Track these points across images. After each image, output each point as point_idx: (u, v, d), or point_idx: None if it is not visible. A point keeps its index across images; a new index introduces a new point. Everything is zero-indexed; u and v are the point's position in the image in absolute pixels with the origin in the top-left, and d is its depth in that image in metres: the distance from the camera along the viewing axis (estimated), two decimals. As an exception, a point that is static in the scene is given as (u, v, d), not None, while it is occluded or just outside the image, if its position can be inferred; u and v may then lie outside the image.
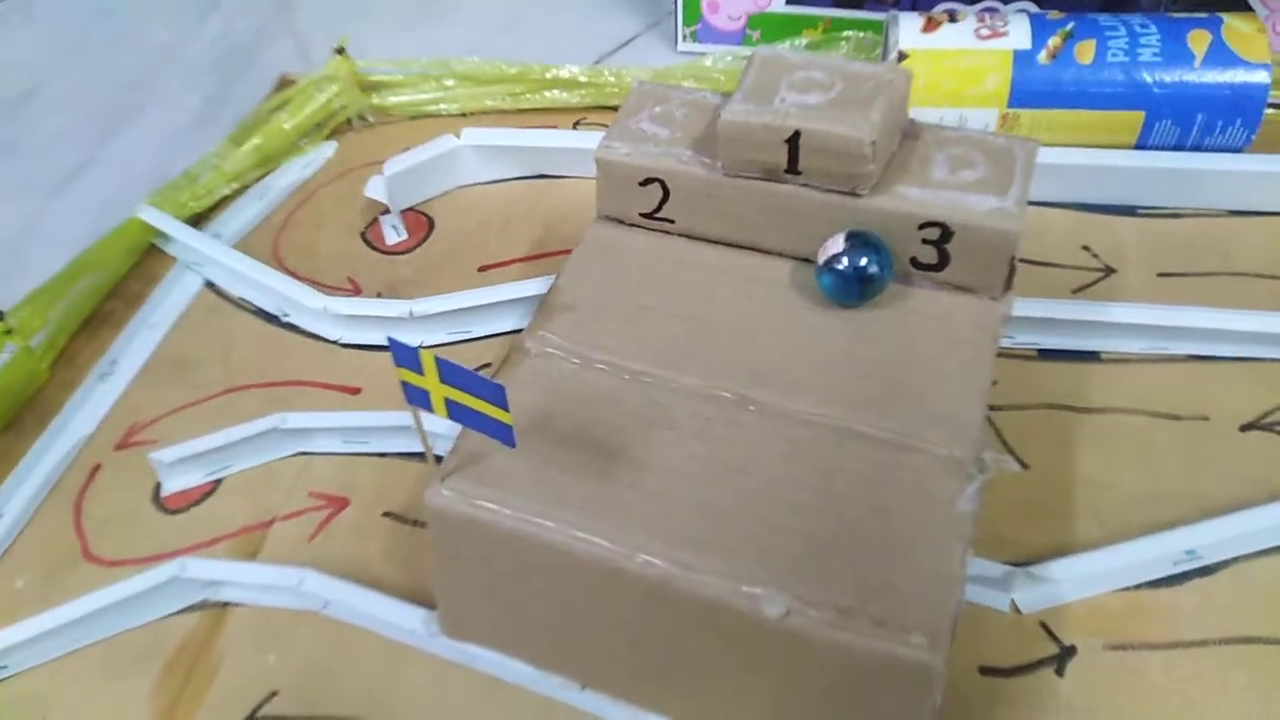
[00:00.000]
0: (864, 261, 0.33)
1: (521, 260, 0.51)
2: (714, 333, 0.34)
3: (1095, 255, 0.48)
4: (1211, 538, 0.36)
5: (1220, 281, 0.46)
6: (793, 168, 0.34)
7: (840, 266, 0.33)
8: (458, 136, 0.55)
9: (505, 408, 0.26)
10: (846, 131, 0.32)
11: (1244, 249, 0.48)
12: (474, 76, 0.59)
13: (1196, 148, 0.49)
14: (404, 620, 0.34)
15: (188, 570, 0.36)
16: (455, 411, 0.27)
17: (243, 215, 0.55)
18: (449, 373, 0.26)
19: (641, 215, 0.38)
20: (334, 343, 0.48)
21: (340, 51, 0.58)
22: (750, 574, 0.27)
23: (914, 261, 0.34)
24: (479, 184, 0.56)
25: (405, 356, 0.26)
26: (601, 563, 0.28)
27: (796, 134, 0.33)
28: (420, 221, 0.54)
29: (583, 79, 0.59)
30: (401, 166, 0.53)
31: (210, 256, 0.51)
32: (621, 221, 0.38)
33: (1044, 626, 0.35)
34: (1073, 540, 0.37)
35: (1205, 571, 0.36)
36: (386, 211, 0.53)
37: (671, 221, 0.37)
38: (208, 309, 0.50)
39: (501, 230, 0.53)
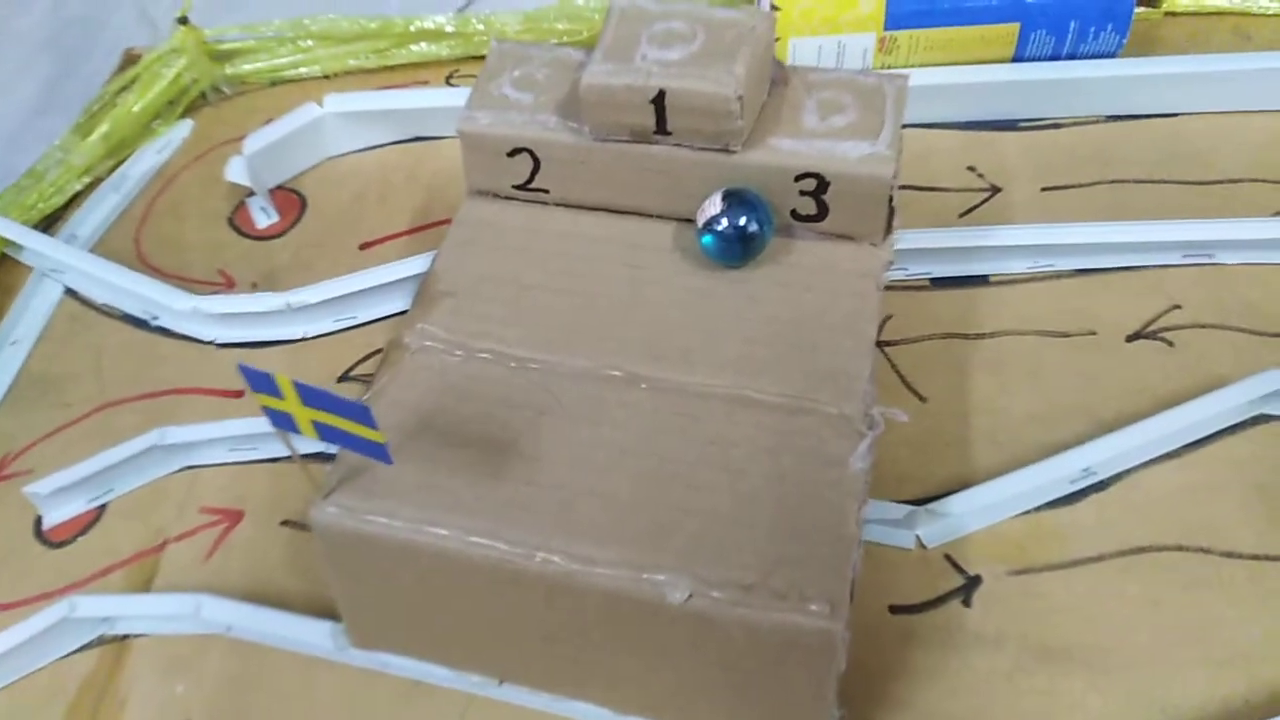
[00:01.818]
0: (743, 220, 0.32)
1: (405, 234, 0.49)
2: (600, 307, 0.33)
3: (980, 175, 0.48)
4: (1105, 454, 0.36)
5: (1101, 191, 0.47)
6: (662, 128, 0.32)
7: (720, 227, 0.32)
8: (320, 104, 0.52)
9: (374, 426, 0.25)
10: (711, 88, 0.31)
11: (1122, 156, 0.48)
12: (332, 35, 0.56)
13: (1072, 56, 0.49)
14: (311, 636, 0.33)
15: (77, 609, 0.34)
16: (325, 433, 0.26)
17: (98, 211, 0.51)
18: (310, 396, 0.25)
19: (514, 188, 0.36)
20: (209, 344, 0.45)
21: (184, 21, 0.54)
22: (652, 560, 0.27)
23: (794, 214, 0.34)
24: (350, 153, 0.53)
25: (260, 383, 0.25)
26: (501, 565, 0.28)
27: (661, 94, 0.32)
28: (291, 200, 0.51)
29: (449, 29, 0.56)
30: (262, 143, 0.50)
31: (67, 262, 0.47)
32: (495, 195, 0.37)
33: (949, 559, 0.36)
34: (972, 469, 0.38)
35: (1100, 487, 0.37)
36: (252, 193, 0.50)
37: (546, 191, 0.36)
38: (71, 320, 0.47)
39: (380, 202, 0.51)
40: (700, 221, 0.33)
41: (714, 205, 0.32)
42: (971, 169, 0.48)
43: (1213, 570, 0.35)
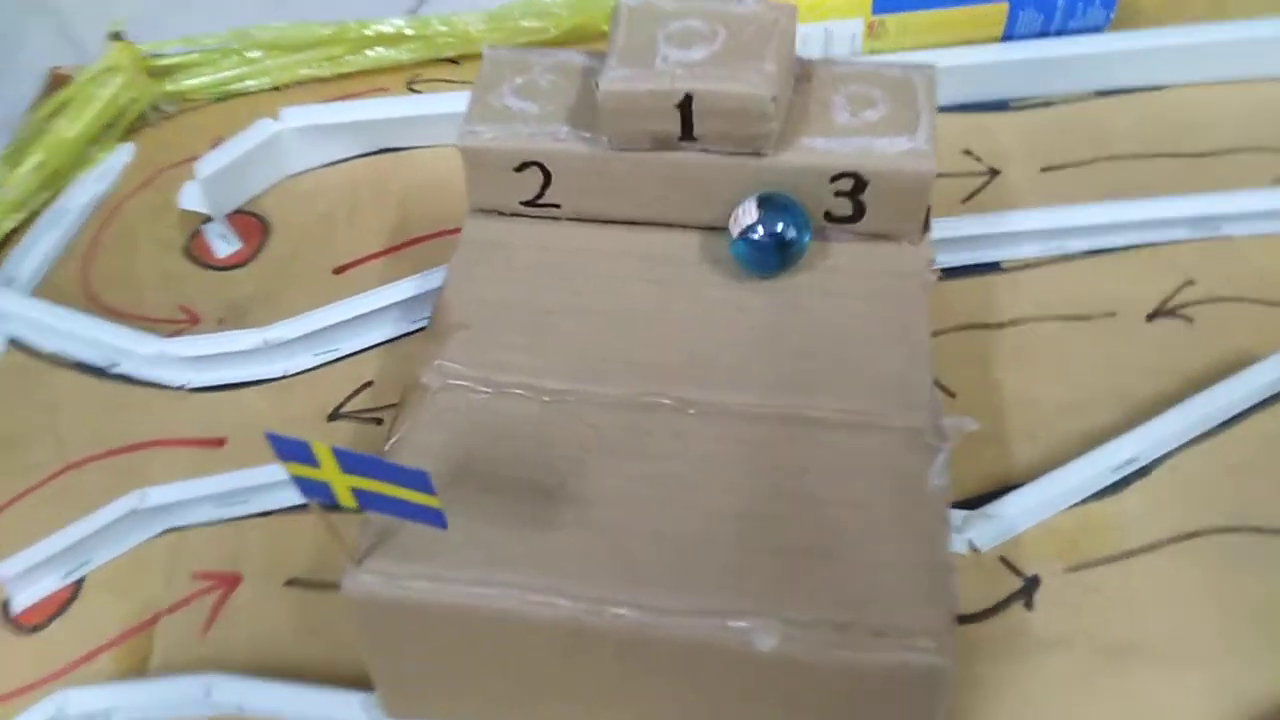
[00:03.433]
0: (780, 227, 0.30)
1: (381, 254, 0.46)
2: (630, 328, 0.31)
3: (978, 159, 0.47)
4: (1146, 441, 0.36)
5: (1100, 169, 0.46)
6: (688, 134, 0.30)
7: (756, 236, 0.30)
8: (276, 119, 0.48)
9: (430, 490, 0.22)
10: (744, 89, 0.29)
11: (1116, 132, 0.47)
12: (281, 44, 0.52)
13: (1060, 32, 0.48)
14: (339, 710, 0.30)
15: (68, 707, 0.31)
16: (369, 500, 0.23)
17: (38, 250, 0.46)
18: (352, 463, 0.22)
19: (523, 204, 0.33)
20: (180, 389, 0.41)
21: (117, 36, 0.49)
22: (731, 605, 0.25)
23: (827, 215, 0.32)
24: (312, 170, 0.50)
25: (292, 452, 0.22)
26: (564, 624, 0.25)
27: (688, 98, 0.29)
28: (252, 225, 0.48)
29: (409, 31, 0.52)
30: (216, 165, 0.46)
31: (7, 308, 0.43)
32: (500, 213, 0.34)
33: (1004, 561, 0.34)
34: (1011, 465, 0.37)
35: (1143, 473, 0.36)
36: (209, 220, 0.47)
37: (557, 206, 0.33)
38: (19, 373, 0.43)
39: (350, 222, 0.47)
40: (734, 230, 0.31)
41: (749, 213, 0.30)
42: (968, 152, 0.47)
43: (1267, 549, 0.34)
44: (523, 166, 0.32)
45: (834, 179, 0.31)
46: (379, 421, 0.40)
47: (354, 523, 0.29)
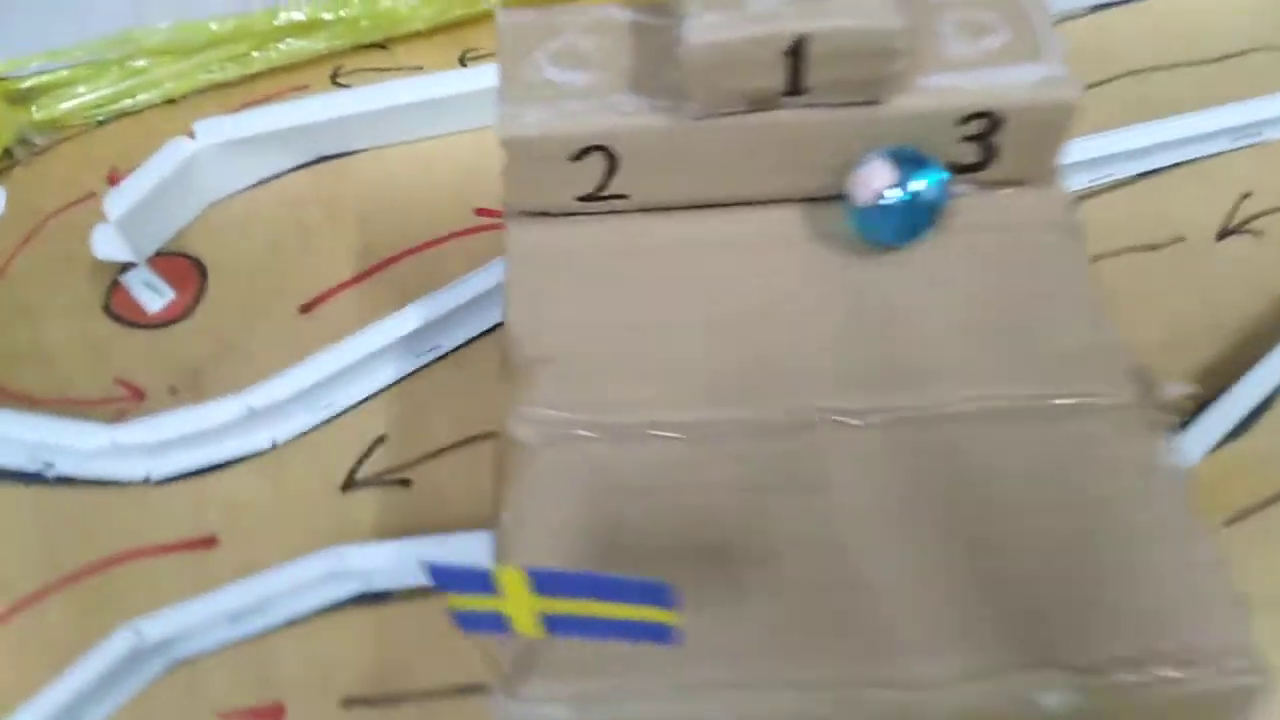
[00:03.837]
0: (921, 186, 0.25)
1: (352, 282, 0.39)
2: (754, 333, 0.25)
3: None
4: (1273, 375, 0.33)
5: (1124, 86, 0.43)
6: (794, 87, 0.25)
7: (890, 200, 0.25)
8: (191, 136, 0.39)
9: (669, 603, 0.16)
10: (869, 23, 0.24)
11: (1126, 47, 0.45)
12: (173, 47, 0.43)
13: (1055, -55, 0.45)
14: None
15: None
16: (563, 626, 0.17)
17: (-94, 336, 0.37)
18: (558, 584, 0.16)
19: (580, 199, 0.27)
20: (144, 483, 0.33)
21: (-44, 59, 0.40)
22: (995, 660, 0.20)
23: (949, 166, 0.27)
24: (243, 191, 0.41)
25: (466, 582, 0.15)
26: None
27: (799, 41, 0.24)
28: (183, 267, 0.39)
29: (326, 16, 0.44)
30: (130, 201, 0.37)
31: (-114, 417, 0.34)
32: (548, 214, 0.28)
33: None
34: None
35: (1264, 408, 0.34)
36: (129, 268, 0.38)
37: (624, 198, 0.27)
38: (-79, 496, 0.33)
39: (304, 248, 0.40)
40: (861, 197, 0.25)
41: (881, 173, 0.25)
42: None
43: None
44: (582, 153, 0.26)
45: (963, 121, 0.26)
46: (405, 483, 0.33)
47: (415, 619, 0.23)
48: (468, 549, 0.30)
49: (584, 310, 0.26)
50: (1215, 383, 0.34)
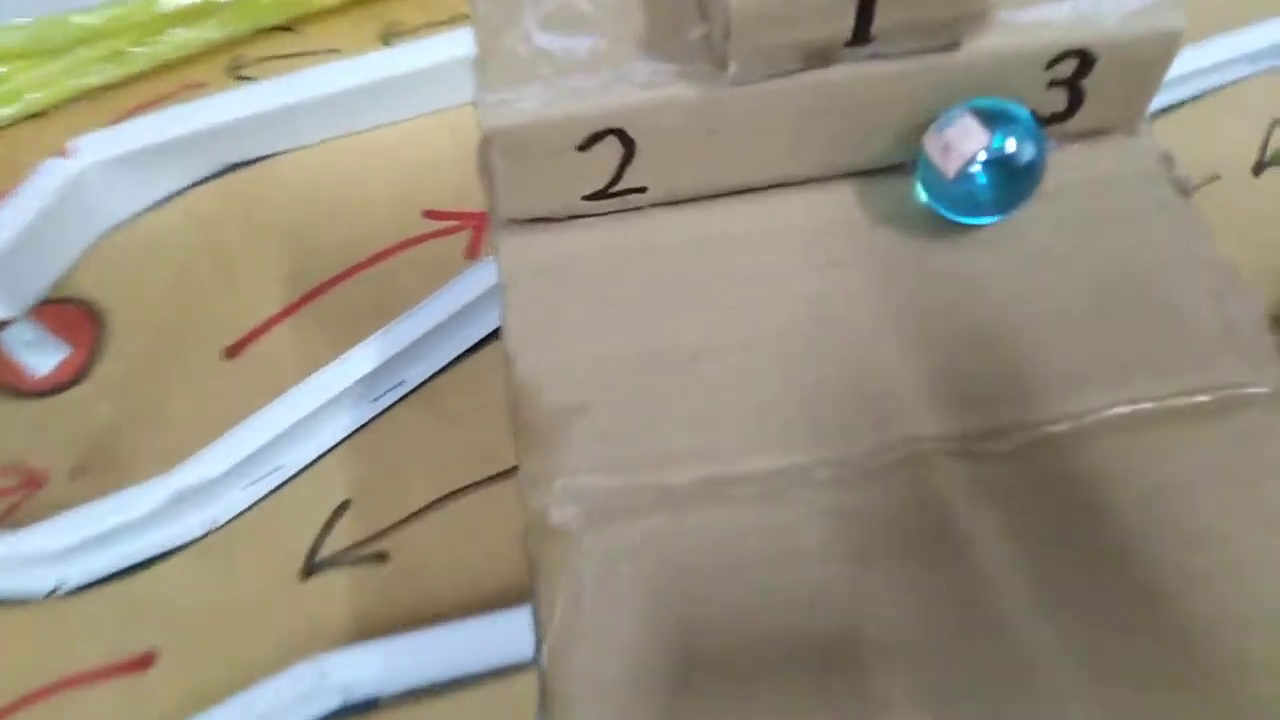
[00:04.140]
0: (1013, 146, 0.20)
1: (283, 315, 0.32)
2: (826, 349, 0.20)
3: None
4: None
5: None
6: (863, 34, 0.19)
7: (978, 168, 0.20)
8: (66, 155, 0.32)
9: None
10: (954, -55, 0.19)
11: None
12: (35, 49, 0.36)
13: None
14: None
15: None
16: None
17: None
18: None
19: (588, 198, 0.22)
20: (52, 595, 0.27)
21: None
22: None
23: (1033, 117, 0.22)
24: (140, 215, 0.35)
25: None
26: None
27: (868, -25, 0.18)
28: (75, 316, 0.32)
29: None
30: (1, 241, 0.30)
31: None
32: (550, 219, 0.22)
33: None
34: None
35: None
36: (5, 325, 0.31)
37: (642, 191, 0.22)
38: None
39: (222, 278, 0.33)
40: (951, 165, 0.20)
41: (969, 134, 0.20)
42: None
43: None
44: (591, 140, 0.20)
45: (1052, 63, 0.21)
46: (380, 558, 0.27)
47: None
48: (470, 643, 0.24)
49: (609, 339, 0.20)
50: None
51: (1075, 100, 0.22)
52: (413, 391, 0.30)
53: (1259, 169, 0.35)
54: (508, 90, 0.20)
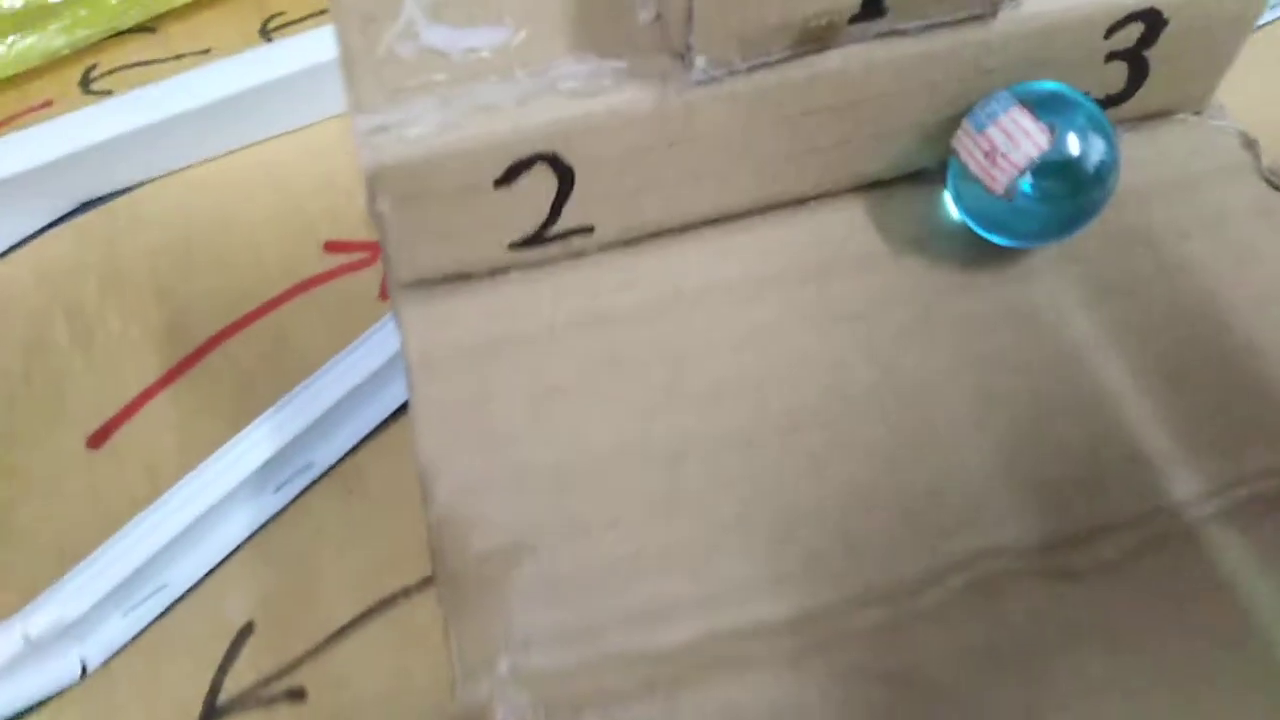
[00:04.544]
0: (1083, 147, 0.15)
1: (158, 388, 0.26)
2: (844, 434, 0.15)
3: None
4: None
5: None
6: (872, 5, 0.14)
7: (1036, 178, 0.15)
8: None
9: None
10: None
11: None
12: None
13: None
14: None
15: None
16: None
17: None
18: None
19: (515, 247, 0.16)
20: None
21: None
22: None
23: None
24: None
25: None
26: None
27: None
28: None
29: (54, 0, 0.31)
30: None
31: None
32: (465, 277, 0.16)
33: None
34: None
35: None
36: None
37: (588, 231, 0.16)
38: None
39: (78, 344, 0.27)
40: (1002, 176, 0.15)
41: (1021, 133, 0.15)
42: None
43: None
44: (514, 171, 0.15)
45: (1112, 30, 0.16)
46: (298, 695, 0.22)
47: None
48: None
49: (555, 446, 0.15)
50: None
51: (1138, 76, 0.17)
52: (324, 475, 0.24)
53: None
54: (390, 110, 0.14)
